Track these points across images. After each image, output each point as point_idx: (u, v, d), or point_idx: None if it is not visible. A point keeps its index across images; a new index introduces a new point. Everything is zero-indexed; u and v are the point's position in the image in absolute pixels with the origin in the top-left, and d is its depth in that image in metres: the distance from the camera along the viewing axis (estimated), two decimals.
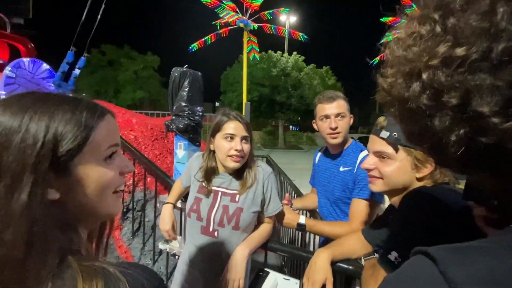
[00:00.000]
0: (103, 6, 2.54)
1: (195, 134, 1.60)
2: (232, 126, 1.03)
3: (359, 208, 1.18)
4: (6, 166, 0.33)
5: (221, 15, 9.22)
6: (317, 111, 1.30)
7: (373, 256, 0.96)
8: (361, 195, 1.19)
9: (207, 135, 1.16)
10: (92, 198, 0.40)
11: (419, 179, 0.75)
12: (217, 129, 1.05)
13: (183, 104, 1.53)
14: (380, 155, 0.78)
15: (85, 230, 0.43)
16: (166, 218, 1.17)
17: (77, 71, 2.61)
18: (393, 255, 0.68)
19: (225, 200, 1.07)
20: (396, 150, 0.75)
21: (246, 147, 1.05)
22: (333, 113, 1.24)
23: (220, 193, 1.08)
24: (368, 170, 0.82)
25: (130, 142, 2.14)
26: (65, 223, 0.38)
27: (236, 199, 1.07)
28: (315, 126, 1.37)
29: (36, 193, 0.34)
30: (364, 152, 1.38)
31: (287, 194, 1.42)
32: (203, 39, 9.52)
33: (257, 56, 10.02)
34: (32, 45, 2.96)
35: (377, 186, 0.81)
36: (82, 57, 2.60)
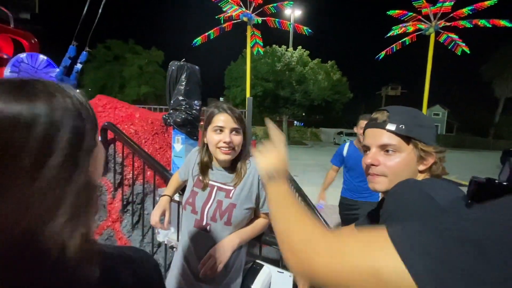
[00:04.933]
0: (104, 0, 2.53)
1: (192, 128, 1.60)
2: (222, 119, 1.03)
3: None
4: (61, 146, 0.33)
5: (224, 9, 9.14)
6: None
7: None
8: None
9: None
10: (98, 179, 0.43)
11: (421, 172, 0.74)
12: (208, 122, 1.05)
13: (180, 98, 1.53)
14: (385, 148, 0.75)
15: None
16: (156, 210, 1.18)
17: (79, 66, 2.63)
18: None
19: (220, 195, 1.07)
20: (405, 142, 0.73)
21: (236, 138, 1.04)
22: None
23: (216, 188, 1.08)
24: (372, 166, 0.78)
25: (130, 136, 2.16)
26: None
27: (230, 195, 1.06)
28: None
29: (88, 171, 0.36)
30: (347, 144, 2.44)
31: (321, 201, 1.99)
32: (206, 34, 9.48)
33: (261, 50, 9.93)
34: (36, 40, 2.98)
35: (380, 185, 0.76)
36: (84, 52, 2.62)
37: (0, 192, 0.30)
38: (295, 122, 31.30)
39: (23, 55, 2.56)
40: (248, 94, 8.46)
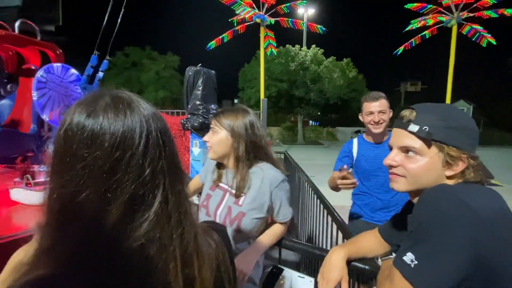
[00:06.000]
0: (122, 11, 2.63)
1: None
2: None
3: None
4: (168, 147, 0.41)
5: (237, 12, 9.21)
6: None
7: (390, 256, 0.92)
8: None
9: None
10: None
11: (449, 177, 0.69)
12: None
13: (198, 102, 1.55)
14: (407, 150, 0.72)
15: None
16: None
17: (100, 74, 2.74)
18: (409, 257, 0.64)
19: (230, 200, 1.06)
20: (427, 145, 0.69)
21: (211, 137, 1.05)
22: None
23: (228, 193, 1.08)
24: (391, 167, 0.76)
25: None
26: None
27: (240, 203, 1.04)
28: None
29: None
30: (356, 140, 1.76)
31: (345, 166, 1.45)
32: (220, 37, 9.60)
33: (274, 51, 9.93)
34: (61, 50, 3.14)
35: (399, 185, 0.74)
36: (105, 60, 2.73)
37: (134, 203, 0.36)
38: (311, 121, 30.96)
39: (56, 65, 2.71)
40: (262, 96, 8.47)
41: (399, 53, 9.50)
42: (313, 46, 20.67)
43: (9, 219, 1.44)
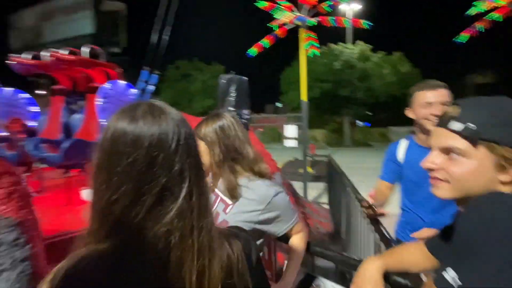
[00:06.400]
0: (168, 34, 2.90)
1: None
2: None
3: None
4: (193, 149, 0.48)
5: (276, 17, 9.25)
6: None
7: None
8: None
9: (266, 136, 1.18)
10: None
11: (504, 183, 0.58)
12: None
13: (231, 108, 1.61)
14: (449, 151, 0.62)
15: None
16: None
17: (151, 88, 3.05)
18: (450, 274, 0.55)
19: (220, 207, 1.02)
20: (474, 145, 0.59)
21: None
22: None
23: (219, 199, 1.04)
24: (431, 170, 0.67)
25: None
26: None
27: (227, 211, 1.00)
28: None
29: None
30: (404, 142, 1.40)
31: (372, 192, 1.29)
32: (260, 43, 9.77)
33: (316, 52, 9.67)
34: (120, 69, 3.59)
35: (442, 191, 0.65)
36: (154, 75, 3.03)
37: (164, 193, 0.43)
38: (359, 122, 29.20)
39: (110, 83, 3.11)
40: (304, 98, 8.32)
41: (461, 40, 8.37)
42: (360, 42, 19.58)
43: (81, 216, 1.69)
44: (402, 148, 1.39)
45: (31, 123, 3.59)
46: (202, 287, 0.44)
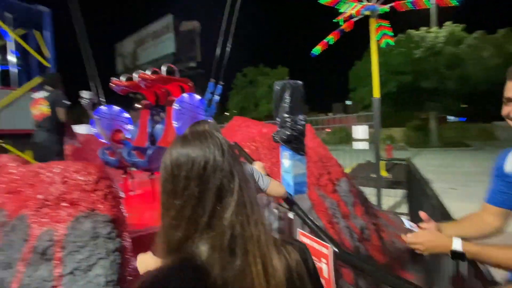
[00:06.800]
0: (231, 42, 3.07)
1: (298, 144, 1.60)
2: None
3: None
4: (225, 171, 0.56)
5: (341, 10, 8.70)
6: None
7: None
8: None
9: (334, 136, 1.14)
10: None
11: None
12: None
13: (285, 115, 1.58)
14: None
15: None
16: None
17: (217, 98, 3.28)
18: None
19: None
20: None
21: None
22: None
23: None
24: None
25: (252, 153, 2.44)
26: None
27: None
28: None
29: None
30: None
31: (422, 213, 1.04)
32: (325, 40, 9.35)
33: (390, 41, 8.64)
34: (192, 83, 4.00)
35: None
36: (219, 85, 3.24)
37: (221, 192, 0.52)
38: (450, 117, 24.61)
39: (182, 96, 3.49)
40: (376, 94, 7.53)
41: None
42: (448, 23, 16.57)
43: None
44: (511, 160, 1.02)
45: (127, 134, 4.36)
46: (267, 278, 0.49)
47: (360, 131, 6.37)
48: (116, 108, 4.26)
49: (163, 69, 3.59)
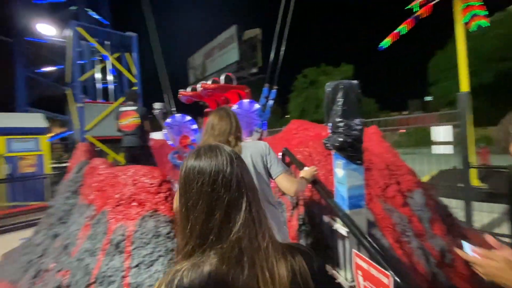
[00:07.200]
0: (283, 49, 3.01)
1: (354, 151, 1.41)
2: None
3: None
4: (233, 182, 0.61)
5: None
6: None
7: None
8: None
9: (409, 138, 0.98)
10: None
11: None
12: None
13: (338, 119, 1.41)
14: None
15: None
16: None
17: (271, 102, 3.27)
18: None
19: None
20: None
21: None
22: None
23: None
24: None
25: (304, 158, 2.30)
26: None
27: None
28: None
29: None
30: None
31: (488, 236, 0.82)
32: (396, 31, 8.33)
33: (484, 22, 7.10)
34: (249, 89, 4.10)
35: None
36: (273, 90, 3.22)
37: (229, 208, 0.56)
38: None
39: (245, 101, 3.60)
40: (465, 87, 6.28)
41: None
42: None
43: None
44: None
45: (193, 139, 4.76)
46: (274, 285, 0.53)
47: (442, 132, 5.40)
48: (183, 116, 4.70)
49: (222, 78, 3.80)
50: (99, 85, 8.79)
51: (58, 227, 2.68)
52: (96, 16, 12.81)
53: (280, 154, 2.25)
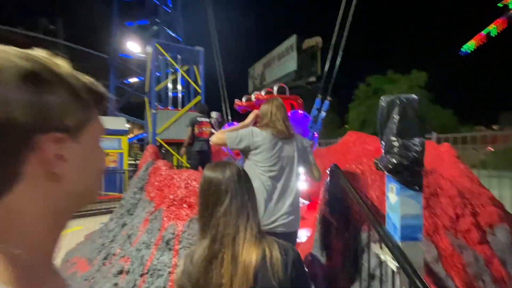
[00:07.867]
0: (341, 56, 2.88)
1: (411, 176, 1.23)
2: None
3: None
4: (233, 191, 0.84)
5: None
6: None
7: None
8: None
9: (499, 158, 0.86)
10: None
11: None
12: None
13: (392, 138, 1.26)
14: None
15: None
16: None
17: (323, 114, 3.14)
18: None
19: None
20: None
21: None
22: None
23: None
24: None
25: (358, 177, 2.13)
26: None
27: None
28: None
29: None
30: None
31: None
32: (482, 33, 7.14)
33: None
34: (301, 100, 4.04)
35: None
36: (326, 101, 3.09)
37: (231, 205, 0.80)
38: None
39: (292, 113, 3.57)
40: None
41: None
42: None
43: None
44: None
45: None
46: (236, 262, 0.74)
47: None
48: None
49: (275, 88, 3.84)
50: (170, 94, 9.95)
51: (126, 217, 3.07)
52: (173, 34, 14.61)
53: (328, 170, 2.13)
